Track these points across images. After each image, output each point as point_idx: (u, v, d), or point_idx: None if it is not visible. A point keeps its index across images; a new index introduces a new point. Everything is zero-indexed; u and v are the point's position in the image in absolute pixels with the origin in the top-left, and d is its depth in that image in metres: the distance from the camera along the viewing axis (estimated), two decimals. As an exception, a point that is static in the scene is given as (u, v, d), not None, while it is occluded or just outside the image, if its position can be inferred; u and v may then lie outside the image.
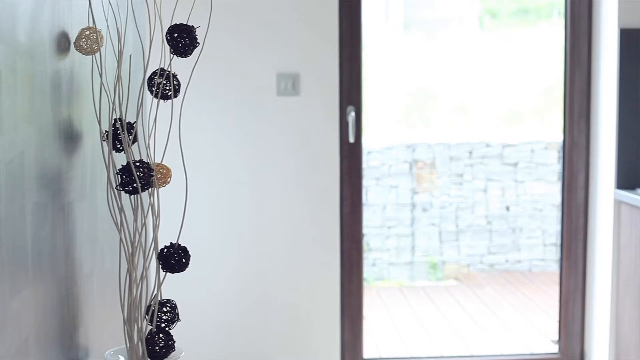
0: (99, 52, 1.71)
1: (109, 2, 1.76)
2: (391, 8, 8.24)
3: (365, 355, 4.30)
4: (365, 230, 7.00)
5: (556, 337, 4.38)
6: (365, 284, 6.86)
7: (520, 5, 8.86)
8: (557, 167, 7.00)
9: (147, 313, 1.77)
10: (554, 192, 7.06)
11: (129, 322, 1.75)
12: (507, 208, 7.23)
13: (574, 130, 4.13)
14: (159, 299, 1.77)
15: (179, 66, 1.82)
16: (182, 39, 1.73)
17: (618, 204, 3.88)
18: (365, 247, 7.07)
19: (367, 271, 7.09)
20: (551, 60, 6.98)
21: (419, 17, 8.29)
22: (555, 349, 4.38)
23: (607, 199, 3.96)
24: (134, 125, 1.75)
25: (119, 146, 1.74)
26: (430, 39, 8.05)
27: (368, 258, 7.11)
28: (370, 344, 5.18)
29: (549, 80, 7.29)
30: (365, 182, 7.06)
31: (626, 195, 3.77)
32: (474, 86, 7.86)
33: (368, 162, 7.10)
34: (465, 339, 5.46)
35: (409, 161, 7.16)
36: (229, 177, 3.96)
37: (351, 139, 4.00)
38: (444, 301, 6.45)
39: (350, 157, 4.02)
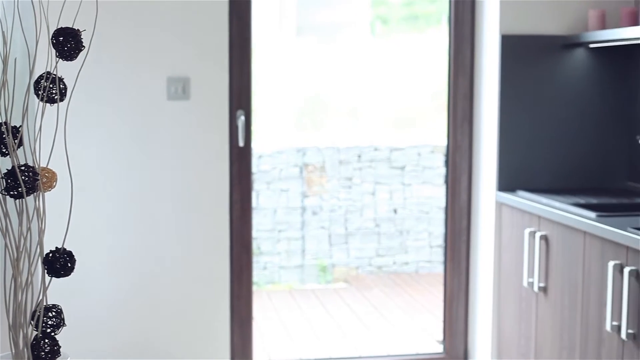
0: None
1: (-7, 6, 1.75)
2: (284, 13, 8.28)
3: (255, 358, 4.33)
4: (256, 234, 7.02)
5: (441, 337, 4.49)
6: (255, 288, 6.89)
7: (410, 12, 9.01)
8: (443, 170, 7.14)
9: (32, 318, 1.76)
10: (440, 195, 7.21)
11: (14, 328, 1.74)
12: (395, 211, 7.36)
13: (457, 133, 4.24)
14: (45, 304, 1.76)
15: (68, 70, 1.82)
16: (67, 43, 1.73)
17: (499, 205, 4.01)
18: (255, 250, 7.09)
19: (258, 275, 7.11)
20: (439, 66, 7.14)
21: (312, 22, 8.36)
22: (440, 348, 4.48)
23: (489, 201, 4.08)
24: (20, 129, 1.74)
25: (4, 150, 1.73)
26: (322, 44, 8.12)
27: (259, 262, 7.13)
28: (260, 348, 5.21)
29: (437, 85, 7.44)
30: (256, 186, 7.08)
31: (507, 197, 3.89)
32: (364, 91, 7.96)
33: (259, 166, 7.12)
34: (354, 340, 5.54)
35: (300, 165, 7.22)
36: (118, 181, 3.93)
37: (241, 143, 4.02)
38: (334, 303, 6.52)
39: (240, 161, 4.05)
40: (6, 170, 1.69)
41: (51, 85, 1.74)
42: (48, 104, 1.74)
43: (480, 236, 4.20)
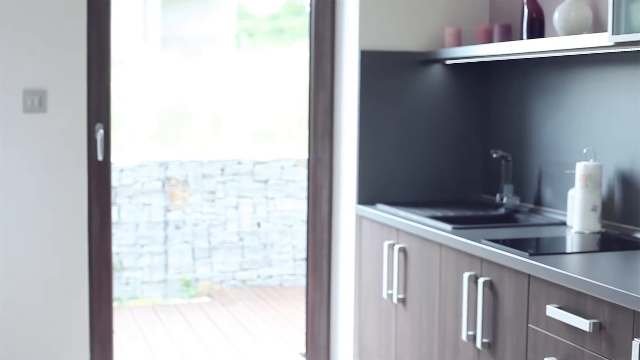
0: None
1: None
2: (149, 25, 8.20)
3: (116, 375, 4.25)
4: (117, 249, 6.91)
5: (304, 350, 4.51)
6: (117, 304, 6.78)
7: (276, 25, 9.05)
8: (306, 183, 7.20)
9: None
10: (303, 208, 7.25)
11: None
12: (259, 224, 7.37)
13: (318, 147, 4.28)
14: None
15: None
16: None
17: (359, 219, 4.06)
18: (117, 266, 6.98)
19: (120, 290, 6.99)
20: (304, 79, 7.19)
21: (177, 35, 8.30)
22: (303, 361, 4.51)
23: (349, 214, 4.13)
24: None
25: None
26: (187, 57, 8.07)
27: (121, 277, 7.02)
28: (121, 364, 5.12)
29: (301, 99, 7.50)
30: (118, 200, 6.97)
31: (367, 210, 3.95)
32: (229, 104, 7.95)
33: (120, 180, 7.02)
34: (218, 356, 5.50)
35: (162, 179, 7.15)
36: (-30, 196, 3.81)
37: (100, 157, 3.95)
38: (197, 319, 6.47)
39: (99, 175, 3.98)
40: None
41: None
42: None
43: (341, 249, 4.25)
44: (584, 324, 2.47)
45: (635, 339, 2.28)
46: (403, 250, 3.63)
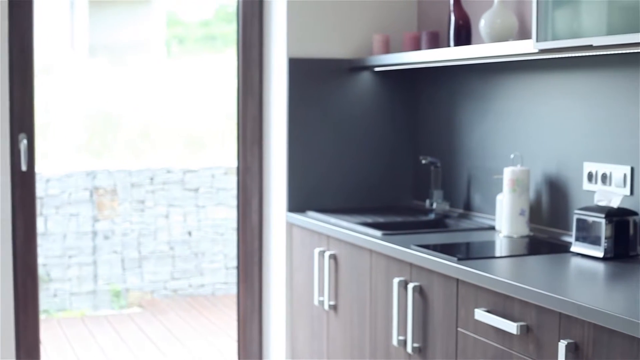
0: None
1: None
2: (76, 33, 8.10)
3: (44, 389, 4.18)
4: (45, 260, 6.80)
5: (236, 358, 4.48)
6: (45, 316, 6.67)
7: (207, 32, 9.01)
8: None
9: None
10: (234, 216, 7.22)
11: None
12: (190, 233, 7.32)
13: (247, 155, 4.26)
14: None
15: None
16: None
17: (290, 226, 4.05)
18: (45, 277, 6.87)
19: (48, 302, 6.88)
20: (234, 87, 7.16)
21: (105, 42, 8.21)
22: (235, 370, 4.48)
23: (280, 222, 4.12)
24: None
25: None
26: (116, 65, 7.99)
27: (49, 289, 6.90)
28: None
29: (232, 107, 7.47)
30: (45, 210, 6.86)
31: (297, 217, 3.94)
32: (158, 112, 7.89)
33: (47, 190, 6.91)
34: (149, 366, 5.45)
35: (90, 188, 7.05)
36: None
37: (24, 168, 3.88)
38: (128, 329, 6.39)
39: (23, 186, 3.90)
40: None
41: None
42: None
43: (272, 257, 4.23)
44: (511, 327, 2.49)
45: (561, 340, 2.31)
46: (334, 257, 3.63)
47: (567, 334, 2.31)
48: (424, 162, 3.85)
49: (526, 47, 2.93)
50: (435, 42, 3.80)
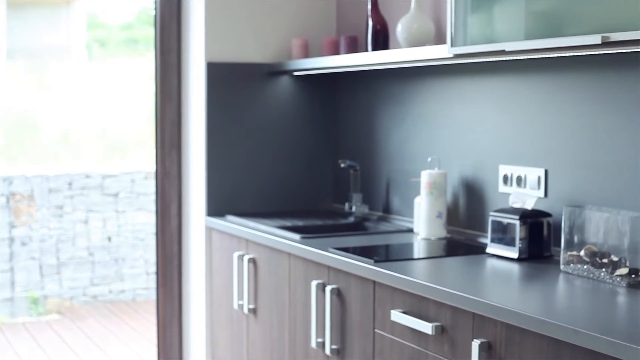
0: None
1: None
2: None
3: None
4: (-40, 268, 6.67)
5: (156, 364, 4.46)
6: (-40, 324, 6.54)
7: (130, 35, 8.93)
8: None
9: None
10: (154, 221, 7.18)
11: None
12: (109, 239, 7.24)
13: (166, 160, 4.24)
14: None
15: None
16: None
17: (209, 230, 4.04)
18: (-40, 285, 6.74)
19: (-36, 310, 6.75)
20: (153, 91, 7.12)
21: (23, 45, 8.09)
22: (155, 375, 4.45)
23: (199, 226, 4.10)
24: None
25: None
26: (34, 68, 7.88)
27: (-35, 297, 6.77)
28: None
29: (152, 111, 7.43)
30: (-40, 217, 6.73)
31: (216, 222, 3.93)
32: (78, 116, 7.80)
33: (-38, 196, 6.78)
34: (67, 373, 5.38)
35: (6, 194, 6.93)
36: None
37: (-63, 172, 3.81)
38: (46, 337, 6.30)
39: (-64, 191, 3.83)
40: None
41: None
42: None
43: (191, 261, 4.22)
44: (426, 327, 2.52)
45: (474, 339, 2.34)
46: (253, 261, 3.64)
47: (481, 334, 2.35)
48: (343, 165, 3.88)
49: (441, 52, 2.97)
50: (354, 46, 3.83)
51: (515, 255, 2.89)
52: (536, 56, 2.82)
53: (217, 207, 4.04)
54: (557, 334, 2.07)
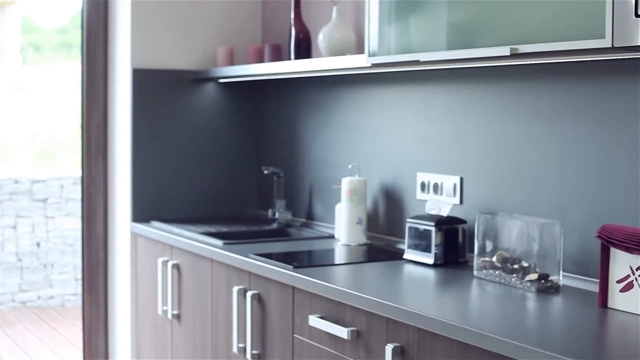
0: None
1: None
2: None
3: None
4: None
5: (81, 370, 4.45)
6: None
7: (65, 40, 8.86)
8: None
9: None
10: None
11: None
12: (38, 244, 7.18)
13: (92, 166, 4.24)
14: None
15: None
16: None
17: (135, 236, 4.05)
18: None
19: None
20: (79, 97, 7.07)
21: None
22: (81, 381, 4.44)
23: (124, 232, 4.11)
24: None
25: None
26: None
27: None
28: None
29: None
30: None
31: (141, 228, 3.95)
32: (9, 121, 7.73)
33: None
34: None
35: None
36: None
37: None
38: (-28, 343, 6.24)
39: None
40: None
41: None
42: None
43: (117, 267, 4.22)
44: (342, 332, 2.57)
45: (388, 344, 2.40)
46: (176, 267, 3.66)
47: (394, 338, 2.41)
48: (266, 172, 3.92)
49: (360, 62, 3.03)
50: (278, 54, 3.87)
51: (431, 261, 2.96)
52: (450, 66, 2.90)
53: (142, 213, 4.05)
54: (465, 338, 2.13)
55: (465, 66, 2.93)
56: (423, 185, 3.25)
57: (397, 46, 2.82)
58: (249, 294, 3.08)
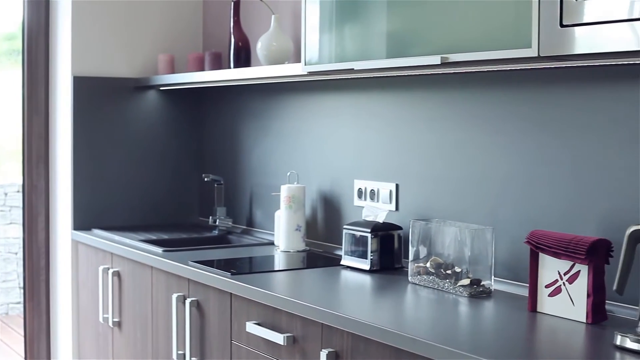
0: None
1: None
2: None
3: None
4: None
5: (24, 379, 4.43)
6: None
7: (12, 46, 8.77)
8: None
9: None
10: (23, 235, 7.08)
11: None
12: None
13: (33, 173, 4.22)
14: None
15: None
16: None
17: (76, 244, 4.04)
18: None
19: None
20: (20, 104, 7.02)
21: None
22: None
23: (66, 240, 4.10)
24: None
25: None
26: None
27: None
28: None
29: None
30: None
31: (82, 235, 3.94)
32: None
33: None
34: None
35: None
36: None
37: None
38: None
39: None
40: None
41: None
42: None
43: (59, 275, 4.21)
44: (278, 338, 2.60)
45: (323, 349, 2.43)
46: (117, 274, 3.66)
47: (329, 344, 2.44)
48: (206, 179, 3.93)
49: (297, 70, 3.07)
50: (218, 62, 3.89)
51: (367, 267, 3.00)
52: (384, 75, 2.94)
53: (84, 220, 4.05)
54: (397, 342, 2.17)
55: (399, 74, 2.98)
56: (360, 192, 3.29)
57: (333, 55, 2.85)
58: (188, 301, 3.10)
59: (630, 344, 1.99)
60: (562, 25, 2.05)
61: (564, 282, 2.36)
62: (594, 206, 2.46)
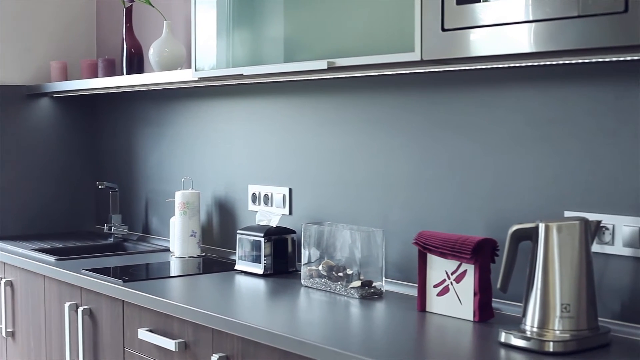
0: None
1: None
2: None
3: None
4: None
5: None
6: None
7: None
8: None
9: None
10: None
11: None
12: None
13: None
14: None
15: None
16: None
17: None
18: None
19: None
20: None
21: None
22: None
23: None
24: None
25: None
26: None
27: None
28: None
29: None
30: None
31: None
32: None
33: None
34: None
35: None
36: None
37: None
38: None
39: None
40: None
41: None
42: None
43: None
44: (170, 344, 2.59)
45: (214, 354, 2.43)
46: (10, 284, 3.60)
47: (220, 348, 2.44)
48: (101, 187, 3.90)
49: (188, 76, 3.07)
50: (111, 69, 3.86)
51: (260, 271, 3.01)
52: (274, 80, 2.96)
53: (-26, 230, 3.97)
54: (286, 345, 2.18)
55: (289, 79, 3.01)
56: (254, 197, 3.31)
57: (223, 61, 2.86)
58: (80, 309, 3.07)
59: (515, 341, 2.04)
60: (443, 30, 2.10)
61: (451, 282, 2.40)
62: (480, 206, 2.52)
